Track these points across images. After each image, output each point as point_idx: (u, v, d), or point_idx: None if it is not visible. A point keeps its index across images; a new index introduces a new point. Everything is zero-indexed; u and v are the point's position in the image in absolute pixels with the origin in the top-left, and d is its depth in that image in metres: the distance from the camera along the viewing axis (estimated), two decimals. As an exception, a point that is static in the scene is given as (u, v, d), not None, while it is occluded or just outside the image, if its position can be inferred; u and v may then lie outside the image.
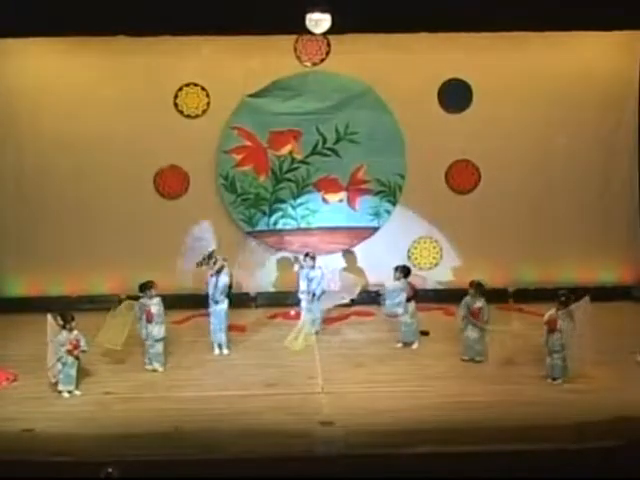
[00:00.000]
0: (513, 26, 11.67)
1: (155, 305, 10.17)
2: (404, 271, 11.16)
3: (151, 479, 7.10)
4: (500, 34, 12.19)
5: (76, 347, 9.34)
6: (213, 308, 10.85)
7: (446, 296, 11.11)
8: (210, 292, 10.84)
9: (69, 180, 12.99)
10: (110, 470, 6.21)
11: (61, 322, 9.43)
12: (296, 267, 12.04)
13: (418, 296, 11.19)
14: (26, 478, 7.05)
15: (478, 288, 10.41)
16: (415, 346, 10.98)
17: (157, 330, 10.14)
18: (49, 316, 9.41)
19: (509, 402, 8.95)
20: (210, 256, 11.05)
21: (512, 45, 12.63)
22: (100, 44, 12.13)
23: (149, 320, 10.10)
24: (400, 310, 10.95)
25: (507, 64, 12.94)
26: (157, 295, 10.27)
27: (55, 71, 12.77)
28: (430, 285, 13.03)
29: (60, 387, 9.33)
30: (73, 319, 9.44)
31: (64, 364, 9.30)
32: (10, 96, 12.80)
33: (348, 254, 13.44)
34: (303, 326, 11.15)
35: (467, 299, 10.38)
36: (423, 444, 7.83)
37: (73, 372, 9.39)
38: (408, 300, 10.94)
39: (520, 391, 9.26)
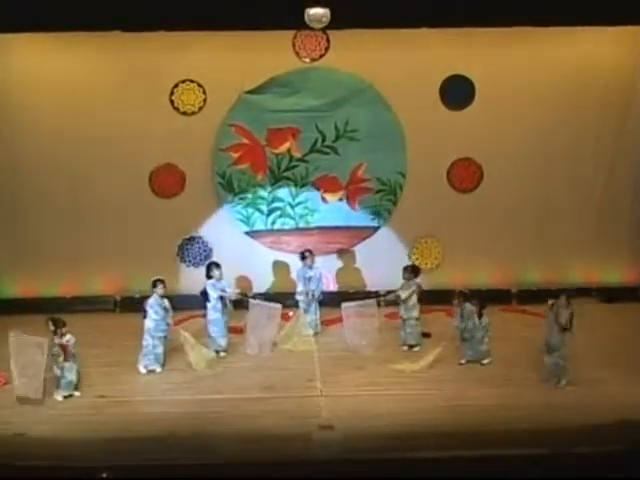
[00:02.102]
0: (515, 21, 11.70)
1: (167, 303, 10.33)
2: (414, 271, 11.18)
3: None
4: (502, 30, 12.19)
5: (65, 347, 9.38)
6: (213, 316, 10.90)
7: (448, 297, 11.11)
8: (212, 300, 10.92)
9: (64, 180, 13.00)
10: (104, 475, 6.24)
11: (53, 327, 9.46)
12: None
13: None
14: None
15: (460, 296, 10.52)
16: (417, 349, 11.00)
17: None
18: (11, 334, 9.33)
19: (510, 405, 8.99)
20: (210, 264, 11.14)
21: (515, 41, 12.62)
22: (95, 40, 12.16)
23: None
24: (415, 313, 10.99)
25: (510, 60, 12.95)
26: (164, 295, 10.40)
27: (49, 67, 12.76)
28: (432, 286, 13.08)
29: (60, 392, 9.36)
30: (64, 325, 9.47)
31: (62, 369, 9.34)
32: (4, 93, 12.81)
33: (347, 254, 13.47)
34: (295, 326, 11.24)
35: (457, 309, 10.48)
36: (423, 448, 7.88)
37: (72, 377, 9.43)
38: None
39: (522, 394, 9.29)
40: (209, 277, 10.97)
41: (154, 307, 10.20)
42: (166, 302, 10.30)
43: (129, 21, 11.39)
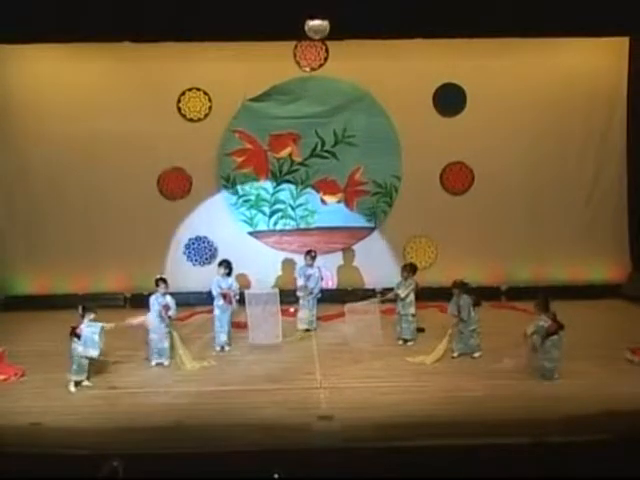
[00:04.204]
0: (505, 32, 11.71)
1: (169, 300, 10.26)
2: (412, 269, 11.17)
3: (155, 471, 7.11)
4: (492, 40, 12.27)
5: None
6: (216, 312, 10.90)
7: (441, 294, 11.14)
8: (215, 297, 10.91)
9: (76, 182, 13.04)
10: (115, 464, 6.22)
11: (81, 312, 9.51)
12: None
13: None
14: (34, 470, 7.06)
15: (461, 287, 10.45)
16: (411, 343, 10.99)
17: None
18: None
19: (501, 396, 8.96)
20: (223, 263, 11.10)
21: (505, 50, 12.72)
22: (105, 50, 12.21)
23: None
24: (412, 309, 10.96)
25: (500, 69, 13.02)
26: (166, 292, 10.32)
27: (62, 76, 12.83)
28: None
29: (72, 377, 9.34)
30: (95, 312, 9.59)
31: (75, 353, 9.34)
32: (17, 100, 12.85)
33: (345, 253, 13.49)
34: (300, 320, 11.26)
35: (454, 298, 10.43)
36: (419, 437, 7.84)
37: (85, 362, 9.42)
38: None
39: (512, 386, 9.27)
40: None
41: (154, 305, 10.18)
42: (168, 299, 10.23)
43: (138, 33, 11.40)
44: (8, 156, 12.98)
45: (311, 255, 11.81)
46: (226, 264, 10.97)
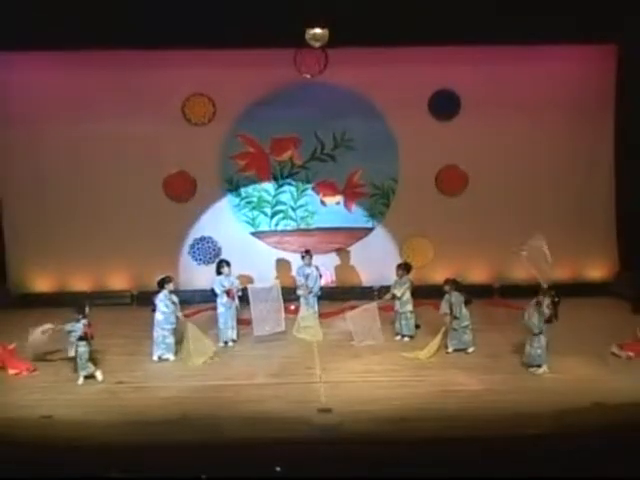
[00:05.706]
0: (499, 40, 11.80)
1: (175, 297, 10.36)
2: (407, 268, 11.22)
3: (159, 462, 7.14)
4: (486, 47, 12.31)
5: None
6: (220, 310, 10.98)
7: (436, 292, 11.18)
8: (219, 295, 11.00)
9: (85, 185, 13.06)
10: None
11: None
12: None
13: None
14: (45, 461, 7.11)
15: (453, 284, 10.52)
16: (409, 339, 11.04)
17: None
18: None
19: (495, 390, 9.03)
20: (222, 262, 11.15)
21: (497, 57, 12.76)
22: (112, 56, 12.24)
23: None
24: (409, 307, 11.03)
25: (493, 75, 13.01)
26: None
27: (69, 81, 12.81)
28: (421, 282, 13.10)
29: (79, 373, 9.48)
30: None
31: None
32: (26, 104, 12.83)
33: (344, 253, 13.54)
34: (302, 319, 11.32)
35: (446, 296, 10.49)
36: (415, 430, 7.90)
37: (84, 358, 9.50)
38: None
39: (505, 380, 9.34)
40: (219, 273, 11.02)
41: (164, 301, 10.24)
42: (174, 297, 10.33)
43: (145, 39, 11.47)
44: (20, 160, 12.98)
45: (309, 255, 11.86)
46: (228, 263, 11.04)
